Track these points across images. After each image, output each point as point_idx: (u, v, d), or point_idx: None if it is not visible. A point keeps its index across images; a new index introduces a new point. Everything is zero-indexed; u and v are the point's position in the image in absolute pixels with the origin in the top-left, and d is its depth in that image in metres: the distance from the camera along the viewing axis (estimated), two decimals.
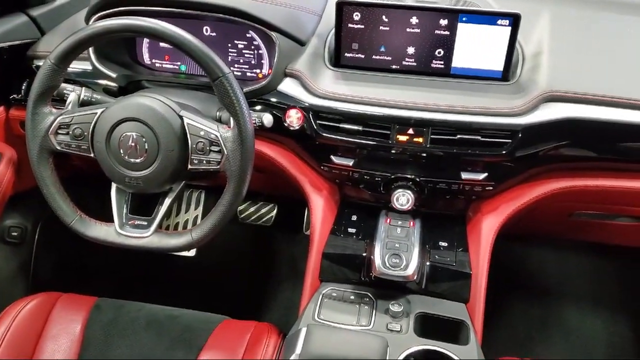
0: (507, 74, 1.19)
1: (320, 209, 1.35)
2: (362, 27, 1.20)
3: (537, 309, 1.97)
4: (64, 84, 1.14)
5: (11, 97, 1.44)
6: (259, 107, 1.26)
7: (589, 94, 1.14)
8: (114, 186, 1.15)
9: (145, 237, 1.12)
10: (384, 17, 1.18)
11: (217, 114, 1.19)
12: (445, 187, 1.26)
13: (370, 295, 1.22)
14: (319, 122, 1.22)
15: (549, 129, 1.15)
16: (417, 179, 1.25)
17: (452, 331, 1.16)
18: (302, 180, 1.35)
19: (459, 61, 1.20)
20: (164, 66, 1.39)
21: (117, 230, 1.13)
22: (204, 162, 1.07)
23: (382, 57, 1.23)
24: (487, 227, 1.28)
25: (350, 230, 1.34)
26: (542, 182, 1.25)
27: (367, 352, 0.96)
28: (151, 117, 1.05)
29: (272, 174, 1.41)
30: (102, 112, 1.08)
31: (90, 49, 1.27)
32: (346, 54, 1.24)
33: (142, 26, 1.01)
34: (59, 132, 1.10)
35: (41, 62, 1.10)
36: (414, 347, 1.09)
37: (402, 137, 1.18)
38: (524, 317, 1.95)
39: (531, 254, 2.10)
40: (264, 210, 2.19)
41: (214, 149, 1.06)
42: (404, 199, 1.25)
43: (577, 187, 1.23)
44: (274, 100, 1.25)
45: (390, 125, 1.18)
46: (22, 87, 1.41)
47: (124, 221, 1.14)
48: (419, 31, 1.18)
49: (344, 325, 1.15)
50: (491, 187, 1.25)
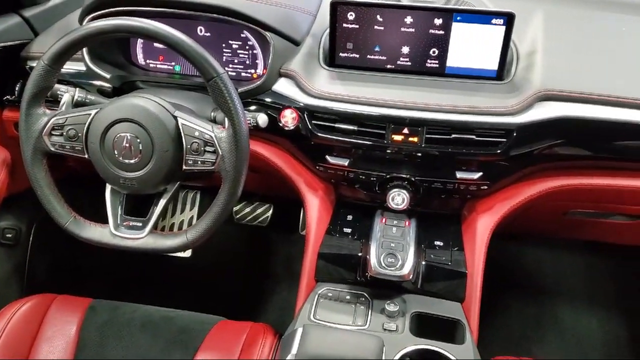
0: (501, 73, 1.20)
1: (315, 209, 1.35)
2: (357, 26, 1.20)
3: (532, 308, 1.98)
4: (57, 85, 1.14)
5: (4, 98, 1.44)
6: (253, 107, 1.26)
7: (583, 93, 1.14)
8: (108, 187, 1.14)
9: (140, 238, 1.11)
10: (378, 17, 1.18)
11: (212, 114, 1.19)
12: (440, 187, 1.26)
13: (366, 295, 1.22)
14: (314, 122, 1.22)
15: (543, 127, 1.15)
16: (413, 179, 1.25)
17: (448, 330, 1.16)
18: (298, 180, 1.35)
19: (454, 60, 1.20)
20: (158, 67, 1.39)
21: (111, 231, 1.12)
22: (199, 162, 1.07)
23: (376, 57, 1.23)
24: (482, 226, 1.28)
25: (345, 230, 1.34)
26: (536, 181, 1.25)
27: (363, 352, 0.96)
28: (145, 118, 1.05)
29: (267, 174, 1.41)
30: (96, 113, 1.08)
31: (84, 50, 1.27)
32: (341, 54, 1.24)
33: (135, 26, 1.01)
34: (53, 133, 1.09)
35: (35, 63, 1.09)
36: (409, 346, 1.09)
37: (397, 137, 1.18)
38: (520, 316, 1.96)
39: (526, 253, 2.11)
40: (259, 210, 2.19)
41: (209, 149, 1.05)
42: (399, 198, 1.25)
43: (571, 185, 1.23)
44: (269, 100, 1.24)
45: (385, 125, 1.18)
46: (16, 88, 1.41)
47: (119, 222, 1.13)
48: (413, 31, 1.18)
49: (340, 325, 1.15)
50: (486, 187, 1.25)
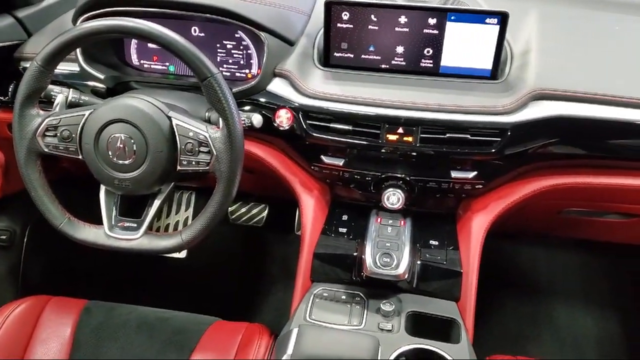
0: (495, 73, 1.20)
1: (311, 209, 1.35)
2: (351, 26, 1.20)
3: (527, 307, 1.99)
4: (51, 86, 1.14)
5: None
6: (248, 107, 1.25)
7: (577, 92, 1.14)
8: (102, 188, 1.14)
9: (134, 239, 1.11)
10: (372, 17, 1.18)
11: (206, 114, 1.18)
12: (435, 186, 1.26)
13: (361, 294, 1.22)
14: (308, 122, 1.22)
15: (537, 126, 1.15)
16: (408, 178, 1.25)
17: (443, 329, 1.16)
18: (293, 180, 1.35)
19: (448, 60, 1.20)
20: (153, 67, 1.38)
21: (106, 232, 1.12)
22: (193, 163, 1.06)
23: (371, 57, 1.23)
24: (477, 225, 1.28)
25: (341, 230, 1.34)
26: (531, 180, 1.25)
27: (359, 352, 0.96)
28: (139, 118, 1.05)
29: (262, 175, 1.41)
30: (90, 114, 1.07)
31: (77, 50, 1.26)
32: (335, 54, 1.24)
33: (129, 27, 1.00)
34: (47, 134, 1.09)
35: (28, 64, 1.09)
36: (405, 346, 1.09)
37: (392, 137, 1.18)
38: (515, 314, 1.96)
39: (521, 251, 2.11)
40: (255, 210, 2.19)
41: (203, 149, 1.05)
42: (394, 198, 1.25)
43: (566, 184, 1.23)
44: (264, 100, 1.24)
45: (380, 124, 1.18)
46: (9, 89, 1.40)
47: (113, 223, 1.13)
48: (407, 30, 1.18)
49: (336, 325, 1.15)
50: (481, 186, 1.25)
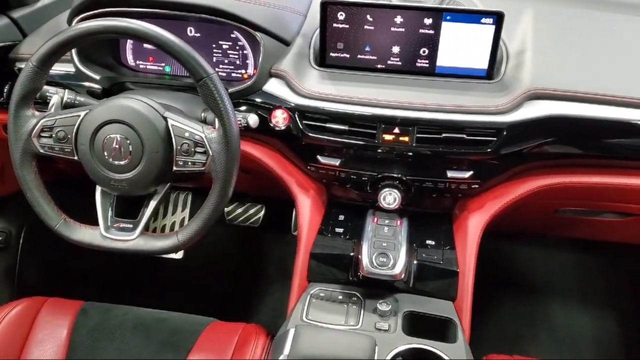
0: (491, 72, 1.20)
1: (307, 209, 1.35)
2: (347, 26, 1.20)
3: (525, 306, 1.99)
4: (46, 87, 1.13)
5: None
6: (244, 107, 1.25)
7: (573, 92, 1.14)
8: (98, 189, 1.14)
9: (130, 240, 1.11)
10: (368, 17, 1.18)
11: (202, 115, 1.18)
12: (431, 186, 1.26)
13: (358, 294, 1.22)
14: (304, 122, 1.22)
15: (533, 126, 1.15)
16: (404, 178, 1.25)
17: (440, 329, 1.16)
18: (289, 180, 1.35)
19: (444, 60, 1.20)
20: (148, 67, 1.38)
21: (102, 233, 1.11)
22: (189, 163, 1.06)
23: (367, 57, 1.23)
24: (473, 225, 1.28)
25: (337, 230, 1.34)
26: (527, 180, 1.25)
27: (356, 352, 0.96)
28: (135, 119, 1.05)
29: (258, 175, 1.40)
30: (85, 115, 1.07)
31: (73, 51, 1.26)
32: (331, 54, 1.24)
33: (124, 27, 1.00)
34: (42, 135, 1.08)
35: (23, 65, 1.09)
36: (402, 345, 1.09)
37: (388, 137, 1.18)
38: (512, 314, 1.97)
39: (518, 251, 2.12)
40: (251, 211, 2.19)
41: (199, 150, 1.05)
42: (390, 198, 1.25)
43: (562, 184, 1.24)
44: (260, 100, 1.24)
45: (376, 124, 1.18)
46: (4, 90, 1.39)
47: (109, 224, 1.13)
48: (403, 30, 1.18)
49: (332, 325, 1.15)
50: (477, 185, 1.25)
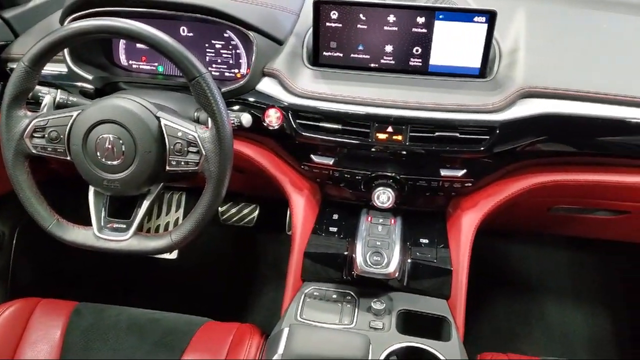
0: (484, 71, 1.20)
1: (301, 209, 1.35)
2: (340, 25, 1.20)
3: (518, 304, 1.99)
4: (39, 87, 1.13)
5: None
6: (237, 107, 1.25)
7: (565, 90, 1.15)
8: (91, 189, 1.13)
9: (124, 240, 1.10)
10: (361, 16, 1.18)
11: (195, 114, 1.18)
12: (425, 185, 1.26)
13: (352, 293, 1.22)
14: (298, 121, 1.21)
15: (526, 124, 1.15)
16: (398, 177, 1.25)
17: (434, 327, 1.16)
18: (283, 179, 1.35)
19: (437, 59, 1.21)
20: (141, 67, 1.38)
21: (95, 233, 1.11)
22: (182, 163, 1.06)
23: (360, 56, 1.23)
24: (467, 223, 1.29)
25: (331, 229, 1.34)
26: (520, 178, 1.26)
27: (350, 351, 0.96)
28: (128, 119, 1.04)
29: (252, 174, 1.40)
30: (78, 115, 1.07)
31: (65, 51, 1.25)
32: (324, 53, 1.24)
33: (117, 27, 1.00)
34: (35, 135, 1.08)
35: (15, 65, 1.08)
36: (396, 344, 1.10)
37: (382, 135, 1.18)
38: (506, 312, 1.97)
39: (512, 249, 2.12)
40: (245, 211, 2.18)
41: (192, 149, 1.05)
42: (384, 196, 1.25)
43: (555, 182, 1.24)
44: (253, 99, 1.24)
45: (369, 123, 1.18)
46: None
47: (103, 224, 1.12)
48: (396, 29, 1.18)
49: (327, 324, 1.15)
50: (470, 184, 1.25)
